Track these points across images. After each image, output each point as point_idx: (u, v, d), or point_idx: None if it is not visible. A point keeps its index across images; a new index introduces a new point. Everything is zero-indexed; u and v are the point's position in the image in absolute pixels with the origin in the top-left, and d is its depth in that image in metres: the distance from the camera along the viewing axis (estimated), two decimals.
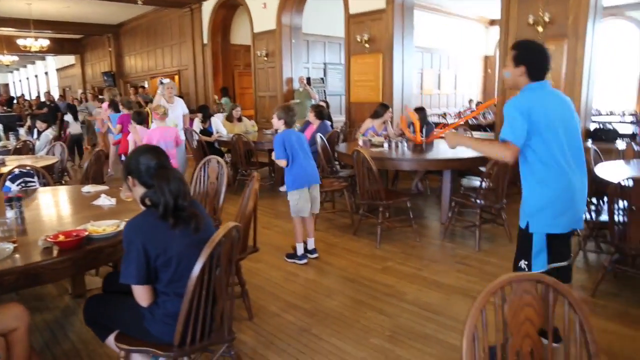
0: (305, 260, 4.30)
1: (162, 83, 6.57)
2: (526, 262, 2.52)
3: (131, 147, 6.06)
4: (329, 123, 7.21)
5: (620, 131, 6.98)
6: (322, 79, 12.62)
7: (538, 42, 2.60)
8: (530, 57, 2.47)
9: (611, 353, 2.79)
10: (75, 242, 2.21)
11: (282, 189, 7.08)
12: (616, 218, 3.33)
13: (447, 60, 15.79)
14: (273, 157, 4.33)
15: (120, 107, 8.13)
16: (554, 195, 2.42)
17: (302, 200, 4.23)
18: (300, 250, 4.33)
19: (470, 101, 14.22)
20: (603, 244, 4.29)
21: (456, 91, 16.40)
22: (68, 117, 10.57)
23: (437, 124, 9.10)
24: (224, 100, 11.60)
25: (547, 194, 2.43)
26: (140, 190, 2.09)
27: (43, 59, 24.87)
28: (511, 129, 2.40)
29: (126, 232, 1.99)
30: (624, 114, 11.40)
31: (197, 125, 7.95)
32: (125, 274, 1.96)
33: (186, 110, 6.97)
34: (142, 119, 6.39)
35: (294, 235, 4.36)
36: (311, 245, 4.43)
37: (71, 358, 2.83)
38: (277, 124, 4.29)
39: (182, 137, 6.61)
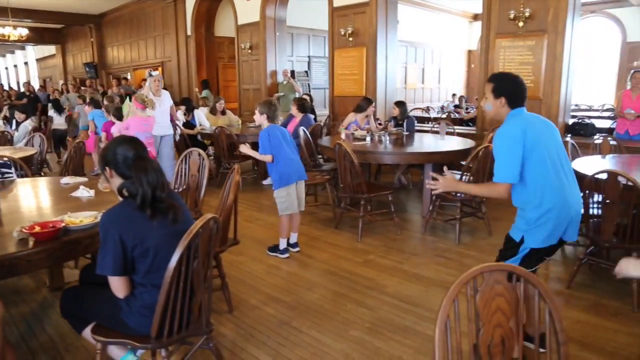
0: (287, 255, 4.30)
1: (150, 75, 6.43)
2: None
3: None
4: (312, 116, 7.21)
5: (599, 126, 7.08)
6: (306, 72, 12.59)
7: (511, 73, 2.72)
8: (509, 88, 2.55)
9: (585, 343, 2.85)
10: (52, 234, 2.19)
11: (265, 182, 7.09)
12: (591, 211, 3.40)
13: (431, 54, 15.86)
14: (256, 156, 4.25)
15: (105, 114, 7.92)
16: (550, 213, 2.44)
17: (290, 198, 4.18)
18: (283, 245, 4.33)
19: (454, 95, 14.31)
20: (579, 237, 4.37)
21: (440, 85, 16.50)
22: (52, 113, 10.38)
23: (418, 118, 9.17)
24: (204, 92, 11.51)
25: (542, 209, 2.45)
26: (117, 181, 2.08)
27: (23, 48, 24.38)
28: (504, 168, 2.44)
29: (103, 222, 1.98)
30: (602, 109, 11.58)
31: (181, 117, 7.89)
32: (101, 265, 1.95)
33: (172, 102, 6.91)
34: (122, 115, 6.40)
35: (279, 230, 4.33)
36: (294, 239, 4.43)
37: (47, 351, 2.81)
38: (259, 119, 4.19)
39: (171, 130, 6.58)
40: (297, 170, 4.23)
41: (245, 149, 4.26)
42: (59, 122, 10.18)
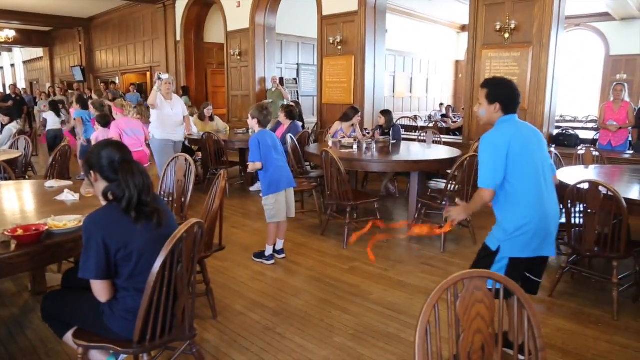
0: (272, 261, 4.30)
1: (160, 78, 5.98)
2: None
3: None
4: (299, 123, 7.23)
5: (582, 137, 7.20)
6: (295, 79, 12.64)
7: (505, 78, 2.71)
8: (503, 94, 2.56)
9: (565, 350, 2.89)
10: (34, 237, 2.17)
11: (253, 188, 7.08)
12: (573, 220, 3.45)
13: (419, 64, 16.02)
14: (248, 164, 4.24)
15: (93, 111, 7.83)
16: (529, 223, 2.45)
17: (278, 205, 4.18)
18: (269, 251, 4.32)
19: (441, 105, 14.44)
20: (562, 246, 4.43)
21: (427, 95, 16.66)
22: (47, 115, 10.25)
23: (406, 127, 9.23)
24: (184, 99, 11.49)
25: (522, 221, 2.46)
26: (102, 185, 2.07)
27: (9, 50, 24.14)
28: (488, 175, 2.46)
29: (86, 225, 1.96)
30: (587, 121, 11.77)
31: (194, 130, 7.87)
32: (83, 268, 1.93)
33: (186, 112, 6.56)
34: (107, 122, 6.39)
35: (267, 237, 4.33)
36: (279, 245, 4.43)
37: (28, 356, 2.78)
38: (251, 123, 4.23)
39: (182, 136, 6.47)
40: (286, 177, 4.24)
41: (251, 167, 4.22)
42: (54, 122, 10.04)
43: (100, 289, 2.00)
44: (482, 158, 2.51)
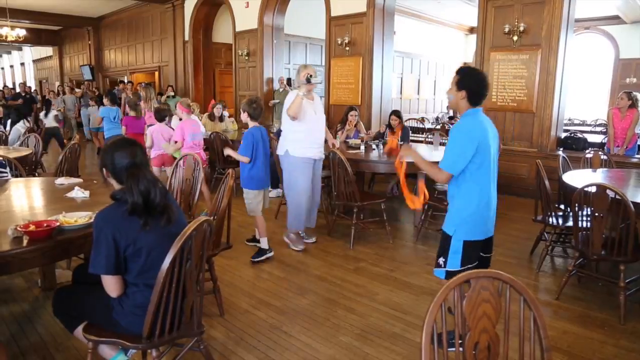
0: (272, 253, 4.39)
1: (309, 81, 4.43)
2: (444, 260, 2.81)
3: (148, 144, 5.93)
4: None
5: (591, 140, 7.17)
6: None
7: (479, 70, 2.85)
8: (470, 83, 2.67)
9: (571, 353, 2.88)
10: (46, 232, 2.21)
11: None
12: (580, 224, 3.44)
13: (426, 65, 16.00)
14: (235, 156, 4.32)
15: (127, 109, 7.90)
16: (479, 209, 2.69)
17: (256, 201, 4.34)
18: (265, 244, 4.40)
19: (448, 107, 14.41)
20: (569, 249, 4.43)
21: (435, 97, 16.63)
22: (42, 114, 10.39)
23: (413, 128, 9.22)
24: (177, 99, 11.51)
25: (473, 208, 2.68)
26: (114, 181, 2.11)
27: (20, 49, 24.37)
28: (453, 160, 2.64)
29: (96, 221, 1.99)
30: (595, 125, 11.71)
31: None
32: (94, 263, 1.96)
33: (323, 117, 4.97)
34: (163, 116, 6.10)
35: (258, 231, 4.47)
36: (258, 235, 4.57)
37: (38, 350, 2.81)
38: (243, 117, 4.36)
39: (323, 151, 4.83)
40: (267, 178, 4.41)
41: (229, 151, 4.40)
42: (48, 120, 10.14)
43: (110, 284, 2.03)
44: (452, 142, 2.66)
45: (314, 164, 4.63)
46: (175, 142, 5.49)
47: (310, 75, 4.39)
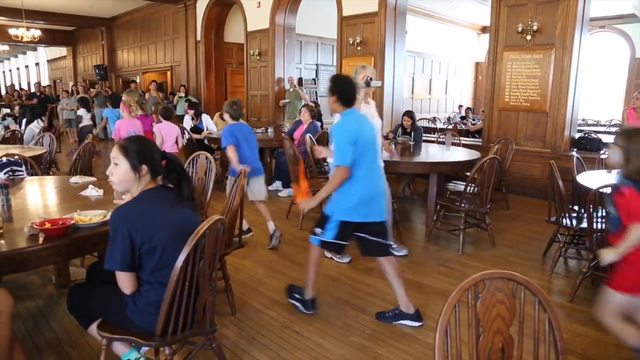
0: (280, 234, 4.71)
1: (369, 84, 4.00)
2: (321, 230, 3.15)
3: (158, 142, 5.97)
4: (318, 123, 7.26)
5: (605, 141, 7.08)
6: (314, 79, 12.68)
7: (347, 76, 3.28)
8: (339, 88, 3.09)
9: (586, 356, 2.86)
10: (61, 230, 2.23)
11: (271, 187, 7.12)
12: (595, 225, 3.41)
13: (438, 65, 15.93)
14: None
15: (122, 111, 8.00)
16: (354, 195, 3.01)
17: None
18: (272, 227, 4.70)
19: (460, 107, 14.35)
20: (583, 251, 4.38)
21: (447, 97, 16.56)
22: (81, 112, 10.62)
23: (424, 128, 9.18)
24: (186, 99, 11.62)
25: (354, 194, 3.01)
26: (147, 177, 2.13)
27: (34, 49, 24.64)
28: (342, 155, 2.95)
29: (113, 218, 2.01)
30: (610, 125, 11.58)
31: (188, 122, 7.98)
32: (109, 259, 1.98)
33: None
34: (170, 115, 6.27)
35: (265, 218, 4.78)
36: (245, 225, 4.73)
37: (53, 347, 2.84)
38: (226, 117, 4.73)
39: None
40: (251, 167, 4.53)
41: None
42: (85, 119, 10.44)
43: (125, 281, 2.05)
44: (337, 142, 2.98)
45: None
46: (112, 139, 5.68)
47: (371, 78, 4.01)
